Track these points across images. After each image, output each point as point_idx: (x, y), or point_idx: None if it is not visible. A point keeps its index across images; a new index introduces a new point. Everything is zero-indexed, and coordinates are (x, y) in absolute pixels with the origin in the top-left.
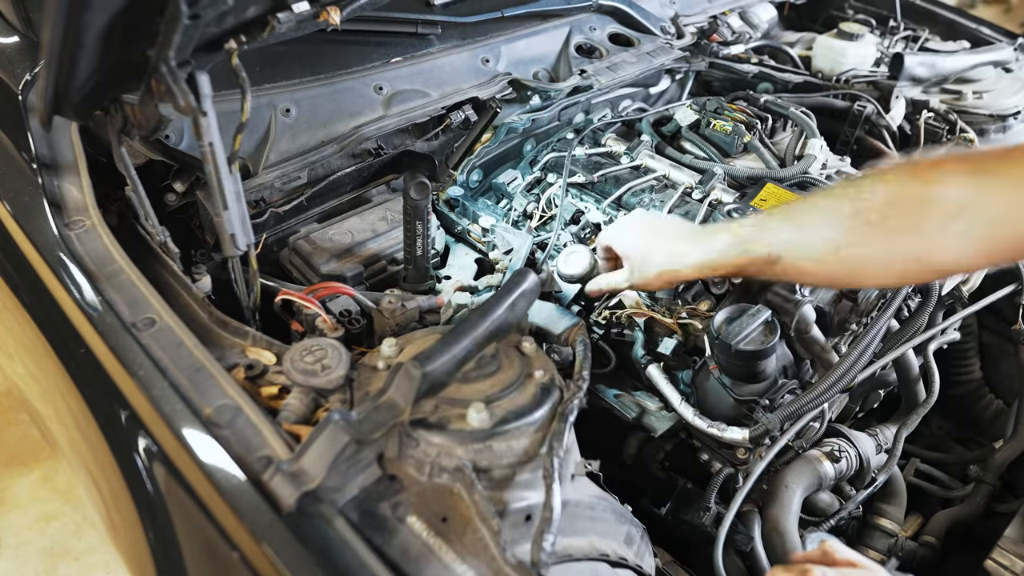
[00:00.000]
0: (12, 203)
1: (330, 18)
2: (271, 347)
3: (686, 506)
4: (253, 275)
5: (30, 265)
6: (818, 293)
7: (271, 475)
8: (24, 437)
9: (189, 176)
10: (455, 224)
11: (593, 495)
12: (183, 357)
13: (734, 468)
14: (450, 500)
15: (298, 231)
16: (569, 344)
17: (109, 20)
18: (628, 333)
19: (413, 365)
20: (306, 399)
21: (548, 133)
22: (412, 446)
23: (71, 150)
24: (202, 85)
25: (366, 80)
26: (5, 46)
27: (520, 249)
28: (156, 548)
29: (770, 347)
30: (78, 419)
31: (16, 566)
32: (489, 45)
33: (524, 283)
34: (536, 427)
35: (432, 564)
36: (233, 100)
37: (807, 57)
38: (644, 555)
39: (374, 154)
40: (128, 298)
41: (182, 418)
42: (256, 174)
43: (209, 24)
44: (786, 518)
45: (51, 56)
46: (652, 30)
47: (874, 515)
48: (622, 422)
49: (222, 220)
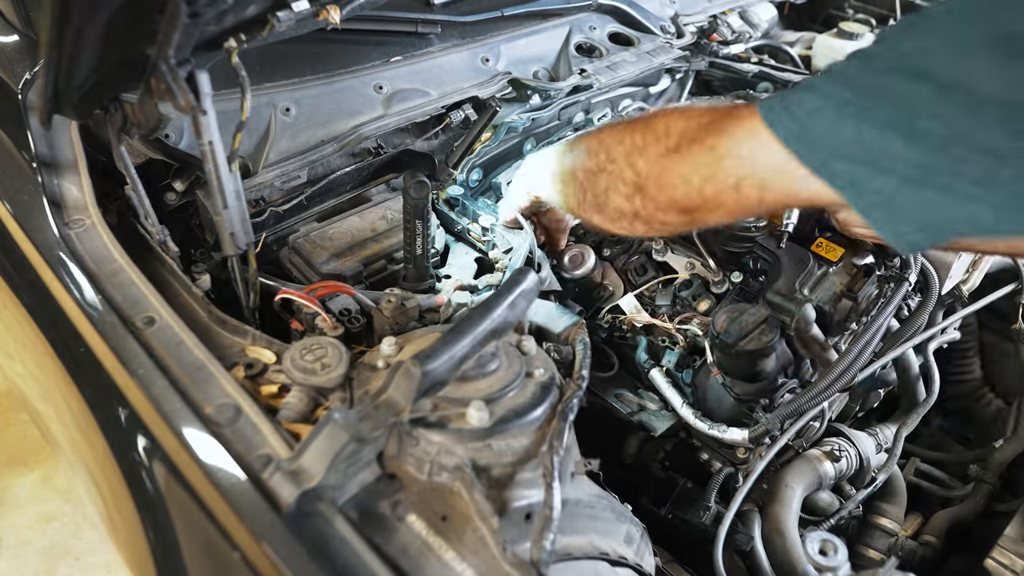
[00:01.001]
0: (12, 202)
1: (330, 17)
2: (271, 346)
3: (686, 505)
4: (253, 274)
5: (30, 264)
6: (818, 293)
7: (271, 474)
8: (24, 437)
9: (189, 175)
10: (455, 223)
11: (593, 494)
12: (183, 356)
13: (734, 467)
14: (450, 499)
15: (298, 230)
16: (569, 343)
17: (109, 19)
18: (631, 337)
19: (413, 364)
20: (306, 398)
21: (548, 132)
22: (412, 445)
23: (71, 149)
24: (202, 84)
25: (366, 79)
26: (5, 45)
27: (520, 248)
28: (156, 547)
29: (770, 346)
30: (78, 419)
31: (16, 566)
32: (489, 44)
33: (524, 282)
34: (536, 426)
35: (432, 563)
36: (233, 99)
37: (807, 56)
38: (644, 554)
39: (374, 153)
40: (128, 297)
41: (182, 417)
42: (256, 173)
43: (209, 23)
44: (786, 517)
45: (51, 55)
46: (652, 29)
47: (874, 514)
48: (622, 421)
49: (222, 219)
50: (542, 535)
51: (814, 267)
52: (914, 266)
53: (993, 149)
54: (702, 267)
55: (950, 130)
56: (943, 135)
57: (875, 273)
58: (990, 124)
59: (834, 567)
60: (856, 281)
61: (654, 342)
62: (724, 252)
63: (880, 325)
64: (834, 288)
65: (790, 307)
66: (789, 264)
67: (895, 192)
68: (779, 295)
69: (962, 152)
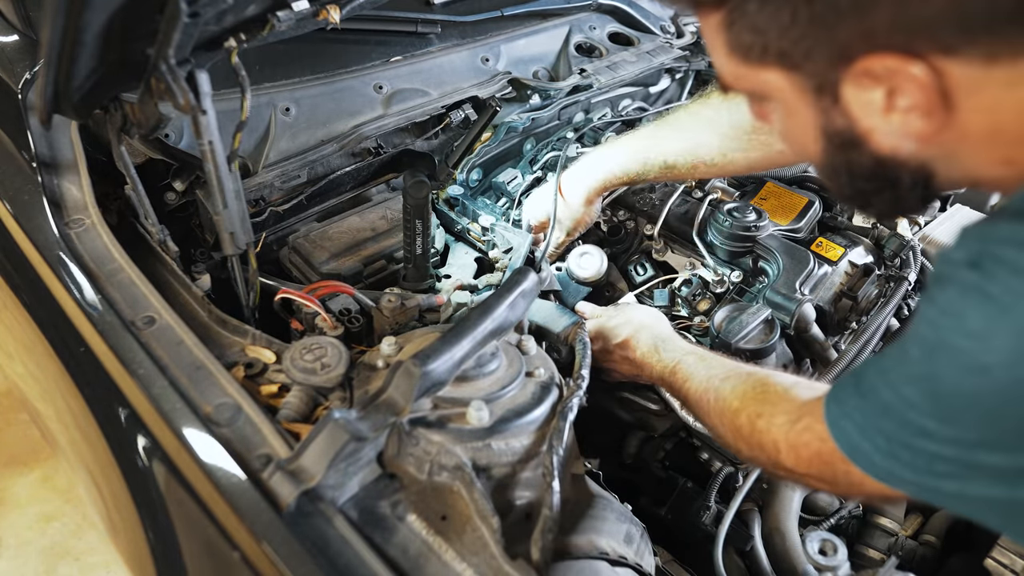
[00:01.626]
0: (12, 202)
1: (330, 17)
2: (271, 345)
3: (686, 505)
4: (253, 274)
5: (30, 264)
6: (818, 292)
7: (271, 473)
8: (24, 437)
9: (189, 175)
10: (455, 223)
11: (593, 494)
12: (183, 356)
13: (734, 467)
14: (450, 498)
15: (298, 230)
16: (569, 343)
17: (109, 18)
18: None
19: (413, 363)
20: (305, 397)
21: (548, 132)
22: (412, 444)
23: (71, 149)
24: (202, 83)
25: (366, 79)
26: (5, 45)
27: (520, 248)
28: (156, 547)
29: (770, 345)
30: (78, 418)
31: (16, 566)
32: (489, 44)
33: (524, 282)
34: (536, 425)
35: (431, 562)
36: (233, 99)
37: None
38: (644, 554)
39: (374, 153)
40: (128, 297)
41: (182, 417)
42: (256, 173)
43: (209, 22)
44: (786, 517)
45: (51, 55)
46: (652, 29)
47: (874, 514)
48: (622, 421)
49: (222, 219)
50: (542, 535)
51: (814, 267)
52: (914, 266)
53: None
54: (702, 267)
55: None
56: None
57: (875, 272)
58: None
59: (834, 567)
60: (856, 281)
61: None
62: (724, 252)
63: (880, 324)
64: (834, 288)
65: (790, 306)
66: (789, 264)
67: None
68: (779, 294)
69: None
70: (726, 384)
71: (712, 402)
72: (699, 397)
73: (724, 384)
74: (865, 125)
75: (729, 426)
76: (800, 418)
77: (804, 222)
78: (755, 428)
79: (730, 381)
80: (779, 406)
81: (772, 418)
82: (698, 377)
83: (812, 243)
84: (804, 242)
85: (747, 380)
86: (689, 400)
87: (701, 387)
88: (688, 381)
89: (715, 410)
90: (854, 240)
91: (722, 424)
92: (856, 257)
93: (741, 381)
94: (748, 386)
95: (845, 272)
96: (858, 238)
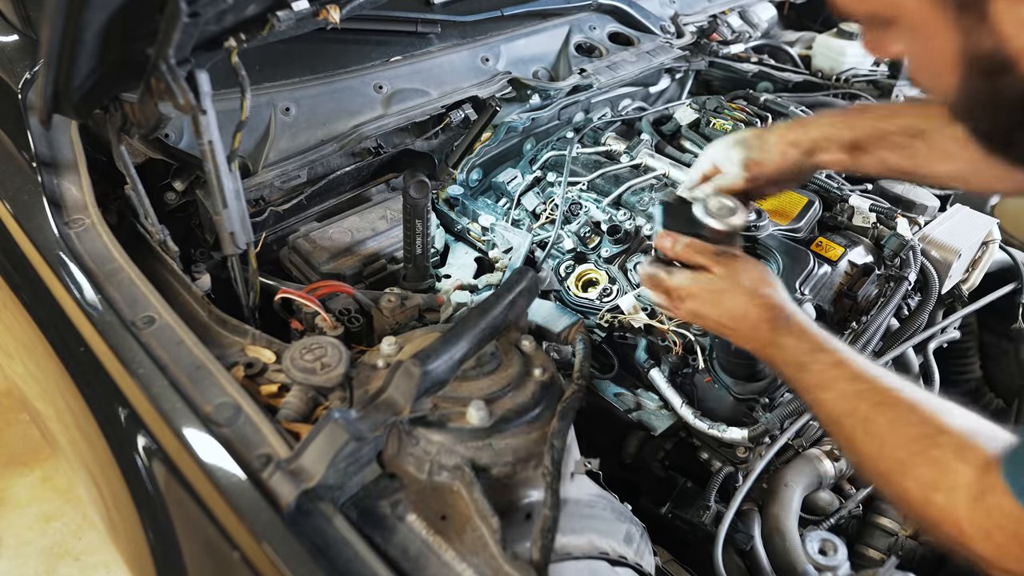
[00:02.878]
0: (12, 202)
1: (330, 16)
2: (271, 345)
3: (686, 505)
4: (253, 273)
5: (30, 264)
6: (818, 292)
7: (270, 473)
8: (24, 437)
9: (189, 175)
10: (455, 223)
11: (592, 493)
12: (183, 355)
13: (734, 467)
14: (450, 498)
15: (298, 230)
16: (569, 342)
17: (108, 18)
18: (631, 336)
19: (412, 363)
20: (305, 397)
21: (548, 132)
22: (412, 444)
23: (71, 149)
24: (202, 83)
25: (366, 79)
26: (5, 45)
27: (520, 248)
28: (156, 547)
29: None
30: (78, 418)
31: (16, 566)
32: (489, 44)
33: (524, 282)
34: (536, 425)
35: (431, 562)
36: (233, 99)
37: (807, 56)
38: (644, 553)
39: (374, 153)
40: (128, 296)
41: (182, 416)
42: (256, 173)
43: (208, 22)
44: (786, 517)
45: (51, 54)
46: (652, 29)
47: (874, 514)
48: (622, 421)
49: (222, 218)
50: (542, 534)
51: (814, 266)
52: (914, 265)
53: None
54: None
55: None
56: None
57: (875, 272)
58: None
59: (834, 566)
60: (856, 280)
61: (654, 342)
62: None
63: (880, 324)
64: (834, 287)
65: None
66: (789, 264)
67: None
68: None
69: None
70: (881, 416)
71: (861, 438)
72: (838, 420)
73: (878, 415)
74: (1018, 45)
75: (888, 480)
76: (983, 492)
77: (804, 222)
78: (930, 502)
79: (886, 412)
80: (960, 474)
81: (952, 493)
82: (838, 390)
83: (812, 243)
84: (804, 242)
85: (909, 417)
86: (820, 414)
87: (840, 407)
88: (823, 390)
89: (866, 452)
90: (854, 240)
91: (876, 472)
92: (856, 257)
93: (901, 416)
94: (913, 428)
95: (845, 272)
96: (858, 238)
